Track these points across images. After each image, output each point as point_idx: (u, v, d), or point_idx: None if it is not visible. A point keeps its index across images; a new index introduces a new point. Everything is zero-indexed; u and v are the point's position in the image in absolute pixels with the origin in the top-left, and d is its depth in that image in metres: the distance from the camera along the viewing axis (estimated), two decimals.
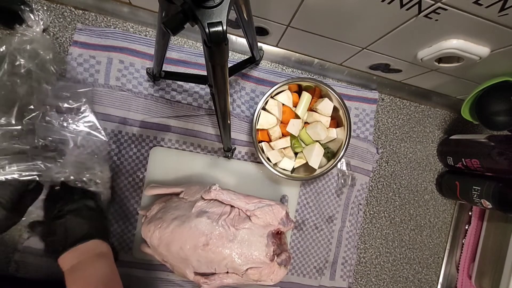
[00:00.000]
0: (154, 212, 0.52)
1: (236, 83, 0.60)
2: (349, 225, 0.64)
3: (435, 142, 0.71)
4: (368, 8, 0.42)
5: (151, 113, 0.57)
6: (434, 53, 0.48)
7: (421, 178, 0.70)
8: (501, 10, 0.37)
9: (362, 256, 0.67)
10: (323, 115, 0.56)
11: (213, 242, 0.46)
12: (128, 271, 0.55)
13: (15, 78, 0.49)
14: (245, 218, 0.49)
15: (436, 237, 0.70)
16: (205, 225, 0.47)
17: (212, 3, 0.27)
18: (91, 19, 0.57)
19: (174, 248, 0.48)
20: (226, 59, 0.31)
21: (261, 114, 0.55)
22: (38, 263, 0.53)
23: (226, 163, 0.60)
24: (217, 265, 0.48)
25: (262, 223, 0.48)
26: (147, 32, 0.59)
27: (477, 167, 0.60)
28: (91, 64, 0.56)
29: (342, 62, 0.63)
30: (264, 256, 0.47)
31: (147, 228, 0.50)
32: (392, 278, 0.68)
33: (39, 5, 0.55)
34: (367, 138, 0.65)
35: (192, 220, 0.47)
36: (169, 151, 0.58)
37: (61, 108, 0.52)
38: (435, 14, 0.39)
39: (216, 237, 0.47)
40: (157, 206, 0.52)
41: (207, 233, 0.47)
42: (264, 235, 0.48)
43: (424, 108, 0.70)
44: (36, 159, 0.47)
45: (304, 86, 0.58)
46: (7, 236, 0.54)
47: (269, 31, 0.55)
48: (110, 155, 0.56)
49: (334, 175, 0.64)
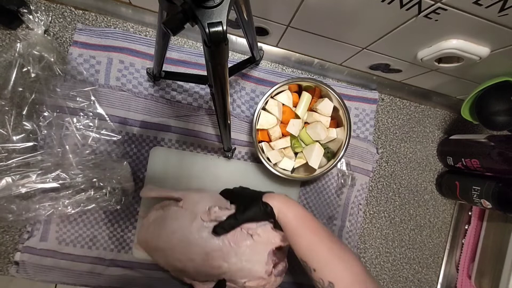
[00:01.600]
0: (151, 219, 0.50)
1: (236, 83, 0.60)
2: (349, 225, 0.64)
3: (435, 142, 0.71)
4: (368, 8, 0.42)
5: (151, 113, 0.57)
6: (434, 53, 0.48)
7: (421, 178, 0.70)
8: (501, 10, 0.37)
9: (362, 256, 0.67)
10: (323, 115, 0.56)
11: (213, 257, 0.46)
12: (128, 271, 0.55)
13: (25, 85, 0.49)
14: (246, 235, 0.48)
15: (436, 237, 0.70)
16: (206, 240, 0.46)
17: (212, 3, 0.27)
18: (91, 19, 0.57)
19: (171, 259, 0.48)
20: (226, 59, 0.31)
21: (261, 114, 0.55)
22: (38, 263, 0.53)
23: (226, 163, 0.60)
24: (216, 277, 0.47)
25: (263, 241, 0.48)
26: (147, 32, 0.59)
27: (477, 167, 0.60)
28: (91, 64, 0.56)
29: (342, 62, 0.63)
30: (264, 273, 0.46)
31: (143, 237, 0.49)
32: (392, 278, 0.68)
33: (39, 5, 0.54)
34: (367, 138, 0.65)
35: (193, 235, 0.46)
36: (169, 151, 0.58)
37: (71, 109, 0.52)
38: (435, 14, 0.39)
39: (216, 253, 0.46)
40: (154, 213, 0.51)
41: (208, 249, 0.46)
42: (265, 253, 0.47)
43: (424, 108, 0.70)
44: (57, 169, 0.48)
45: (304, 86, 0.58)
46: (7, 236, 0.54)
47: (269, 31, 0.55)
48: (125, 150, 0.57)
49: (334, 175, 0.64)
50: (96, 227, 0.55)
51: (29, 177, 0.47)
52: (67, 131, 0.52)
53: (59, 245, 0.54)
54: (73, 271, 0.54)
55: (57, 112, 0.52)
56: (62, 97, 0.52)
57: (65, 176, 0.49)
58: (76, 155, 0.51)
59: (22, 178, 0.47)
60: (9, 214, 0.48)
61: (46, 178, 0.48)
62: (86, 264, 0.54)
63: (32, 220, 0.52)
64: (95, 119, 0.54)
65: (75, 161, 0.50)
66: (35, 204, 0.49)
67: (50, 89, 0.51)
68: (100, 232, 0.55)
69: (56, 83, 0.52)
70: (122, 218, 0.56)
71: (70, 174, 0.49)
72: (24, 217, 0.49)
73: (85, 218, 0.55)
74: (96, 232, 0.55)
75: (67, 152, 0.51)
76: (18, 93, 0.49)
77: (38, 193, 0.49)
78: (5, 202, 0.47)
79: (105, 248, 0.55)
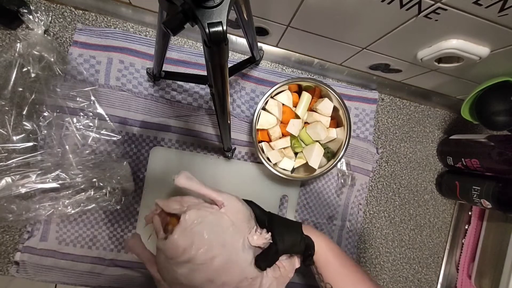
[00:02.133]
0: (190, 221, 0.42)
1: (236, 83, 0.60)
2: (349, 225, 0.64)
3: (435, 142, 0.71)
4: (368, 8, 0.42)
5: (151, 113, 0.57)
6: (434, 53, 0.48)
7: (421, 178, 0.70)
8: (501, 10, 0.37)
9: (362, 256, 0.67)
10: (323, 115, 0.56)
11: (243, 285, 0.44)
12: (128, 271, 0.55)
13: (25, 85, 0.49)
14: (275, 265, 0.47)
15: (436, 237, 0.70)
16: (248, 265, 0.43)
17: (212, 3, 0.27)
18: (91, 19, 0.57)
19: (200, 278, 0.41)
20: (226, 59, 0.31)
21: (261, 114, 0.55)
22: (38, 263, 0.53)
23: (226, 163, 0.60)
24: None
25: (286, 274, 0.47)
26: (147, 32, 0.59)
27: (477, 167, 0.60)
28: (91, 64, 0.56)
29: (342, 62, 0.63)
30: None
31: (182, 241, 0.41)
32: (392, 278, 0.68)
33: (39, 6, 0.55)
34: (367, 138, 0.65)
35: (239, 255, 0.43)
36: (169, 151, 0.58)
37: (71, 109, 0.52)
38: (435, 14, 0.39)
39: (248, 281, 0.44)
40: (193, 213, 0.43)
41: (246, 275, 0.43)
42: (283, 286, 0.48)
43: (424, 108, 0.70)
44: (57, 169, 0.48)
45: (304, 86, 0.58)
46: (7, 236, 0.54)
47: (269, 31, 0.55)
48: (125, 150, 0.57)
49: (334, 175, 0.64)
50: (96, 227, 0.55)
51: (29, 177, 0.47)
52: (67, 131, 0.52)
53: (59, 245, 0.54)
54: (73, 271, 0.54)
55: (57, 112, 0.52)
56: (62, 97, 0.52)
57: (65, 176, 0.49)
58: (76, 155, 0.51)
59: (22, 178, 0.47)
60: (9, 214, 0.48)
61: (46, 178, 0.48)
62: (86, 264, 0.54)
63: (32, 220, 0.52)
64: (95, 119, 0.54)
65: (75, 161, 0.50)
66: (35, 204, 0.49)
67: (50, 89, 0.51)
68: (100, 232, 0.55)
69: (56, 83, 0.52)
70: (122, 218, 0.56)
71: (70, 174, 0.49)
72: (24, 217, 0.49)
73: (85, 218, 0.55)
74: (96, 232, 0.55)
75: (67, 152, 0.51)
76: (18, 93, 0.49)
77: (38, 193, 0.49)
78: (5, 202, 0.47)
79: (105, 248, 0.55)
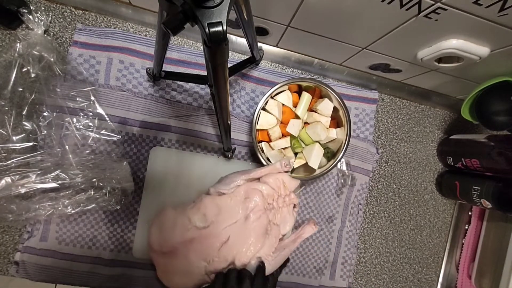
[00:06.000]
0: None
1: (236, 83, 0.60)
2: (349, 225, 0.64)
3: (435, 142, 0.71)
4: (368, 8, 0.42)
5: (151, 113, 0.57)
6: (434, 53, 0.48)
7: (421, 178, 0.70)
8: (501, 10, 0.37)
9: (362, 256, 0.67)
10: (323, 115, 0.56)
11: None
12: (128, 271, 0.55)
13: (25, 85, 0.50)
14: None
15: (436, 237, 0.70)
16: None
17: (212, 3, 0.27)
18: (91, 19, 0.57)
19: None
20: (226, 59, 0.31)
21: (261, 114, 0.55)
22: (38, 263, 0.53)
23: (226, 163, 0.60)
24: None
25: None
26: (147, 32, 0.59)
27: (477, 167, 0.60)
28: (91, 64, 0.56)
29: (342, 62, 0.63)
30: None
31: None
32: (392, 278, 0.68)
33: (39, 6, 0.55)
34: (367, 138, 0.65)
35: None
36: (169, 151, 0.58)
37: (71, 109, 0.52)
38: (435, 14, 0.39)
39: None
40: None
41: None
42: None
43: (424, 108, 0.70)
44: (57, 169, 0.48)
45: (304, 86, 0.58)
46: (7, 236, 0.54)
47: (269, 31, 0.55)
48: (125, 150, 0.57)
49: (334, 175, 0.64)
50: (96, 227, 0.55)
51: (29, 177, 0.47)
52: (67, 131, 0.52)
53: (59, 245, 0.54)
54: (73, 271, 0.54)
55: (57, 112, 0.52)
56: (62, 97, 0.52)
57: (64, 176, 0.49)
58: (76, 155, 0.51)
59: (22, 178, 0.47)
60: (9, 214, 0.48)
61: (46, 178, 0.48)
62: (86, 264, 0.54)
63: (32, 220, 0.52)
64: (95, 119, 0.54)
65: (75, 161, 0.50)
66: (35, 204, 0.49)
67: (50, 89, 0.51)
68: (100, 232, 0.55)
69: (56, 83, 0.52)
70: (122, 218, 0.56)
71: (69, 174, 0.49)
72: (24, 217, 0.49)
73: (85, 218, 0.55)
74: (96, 232, 0.55)
75: (67, 152, 0.51)
76: (18, 93, 0.49)
77: (38, 193, 0.49)
78: (5, 202, 0.47)
79: (105, 248, 0.55)
